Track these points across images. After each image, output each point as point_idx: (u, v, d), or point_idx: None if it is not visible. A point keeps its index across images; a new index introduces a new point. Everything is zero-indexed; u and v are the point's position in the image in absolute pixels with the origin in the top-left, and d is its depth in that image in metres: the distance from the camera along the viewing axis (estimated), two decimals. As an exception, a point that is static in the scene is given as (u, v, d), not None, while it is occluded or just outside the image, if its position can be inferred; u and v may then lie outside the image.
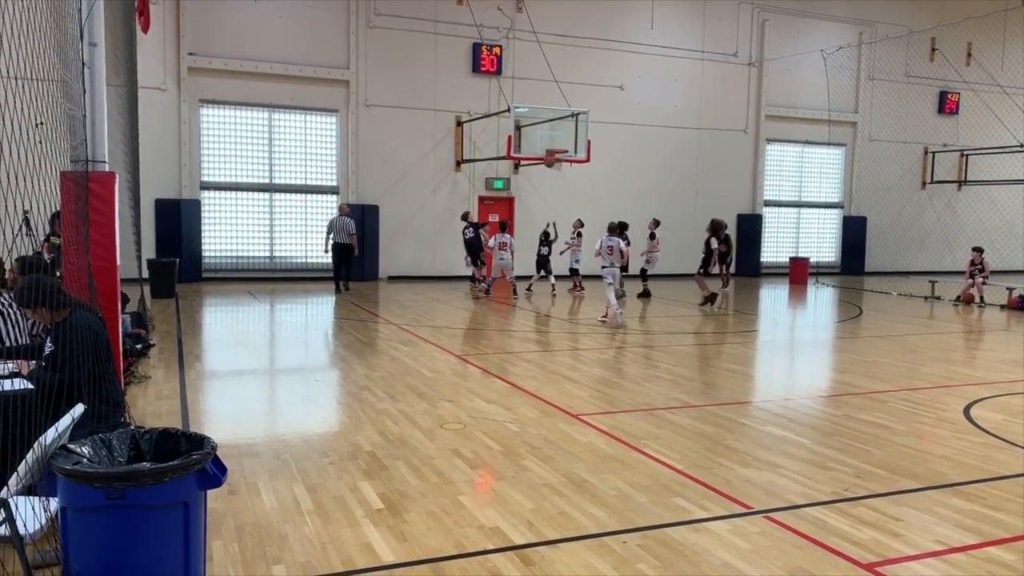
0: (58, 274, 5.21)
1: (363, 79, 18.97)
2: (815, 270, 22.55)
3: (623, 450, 5.83)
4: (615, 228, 13.34)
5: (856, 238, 24.73)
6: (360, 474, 5.17)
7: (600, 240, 13.01)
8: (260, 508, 4.55)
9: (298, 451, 5.68)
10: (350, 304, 14.80)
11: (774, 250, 24.04)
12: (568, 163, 17.83)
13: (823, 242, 24.92)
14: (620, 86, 21.29)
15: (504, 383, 8.10)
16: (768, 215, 23.86)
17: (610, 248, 12.73)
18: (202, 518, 3.20)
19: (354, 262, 17.25)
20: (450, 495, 4.81)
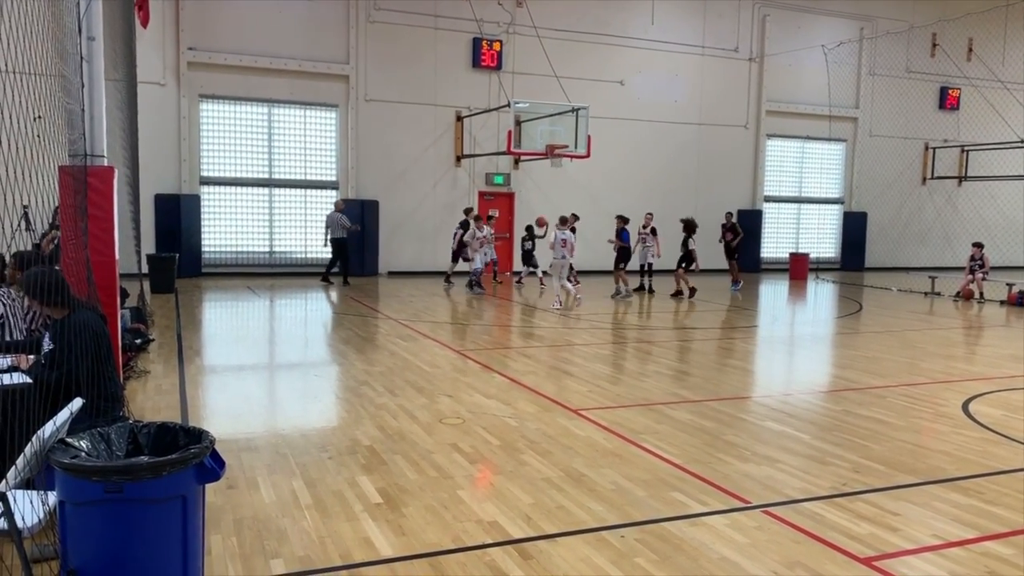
0: (56, 267, 5.21)
1: (363, 74, 18.95)
2: (815, 266, 22.54)
3: (622, 445, 5.84)
4: (566, 220, 13.95)
5: (856, 234, 24.71)
6: (359, 469, 5.18)
7: (554, 234, 13.50)
8: (259, 502, 4.56)
9: (297, 446, 5.69)
10: (349, 299, 14.81)
11: (774, 246, 24.02)
12: (568, 158, 17.81)
13: (823, 238, 24.91)
14: (620, 81, 21.27)
15: (503, 378, 8.11)
16: (768, 211, 23.84)
17: (563, 241, 13.30)
18: (200, 512, 3.20)
19: (351, 256, 17.58)
20: (449, 489, 4.81)
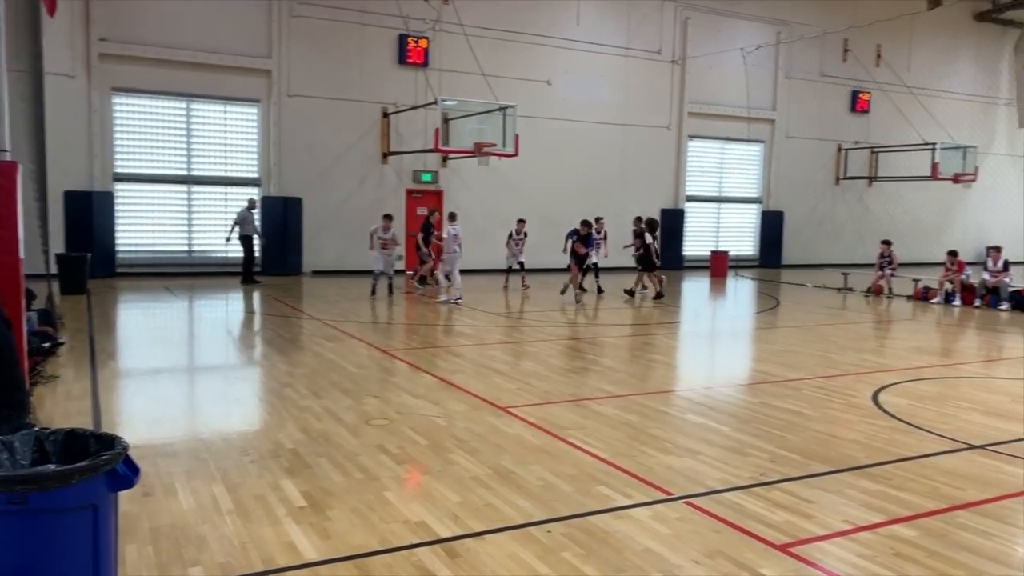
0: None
1: (286, 69, 18.54)
2: (735, 263, 23.22)
3: (549, 441, 5.89)
4: (455, 217, 14.75)
5: (774, 232, 25.55)
6: (282, 472, 5.07)
7: (447, 229, 14.08)
8: (177, 509, 4.42)
9: (217, 450, 5.53)
10: (272, 299, 14.49)
11: (696, 244, 24.60)
12: (496, 157, 17.85)
13: (742, 236, 25.68)
14: (547, 81, 21.42)
15: (432, 378, 8.07)
16: (690, 210, 24.42)
17: (455, 236, 14.03)
18: (113, 521, 3.08)
19: (265, 255, 17.52)
20: (375, 491, 4.77)
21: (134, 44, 17.05)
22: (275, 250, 18.44)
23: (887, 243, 18.07)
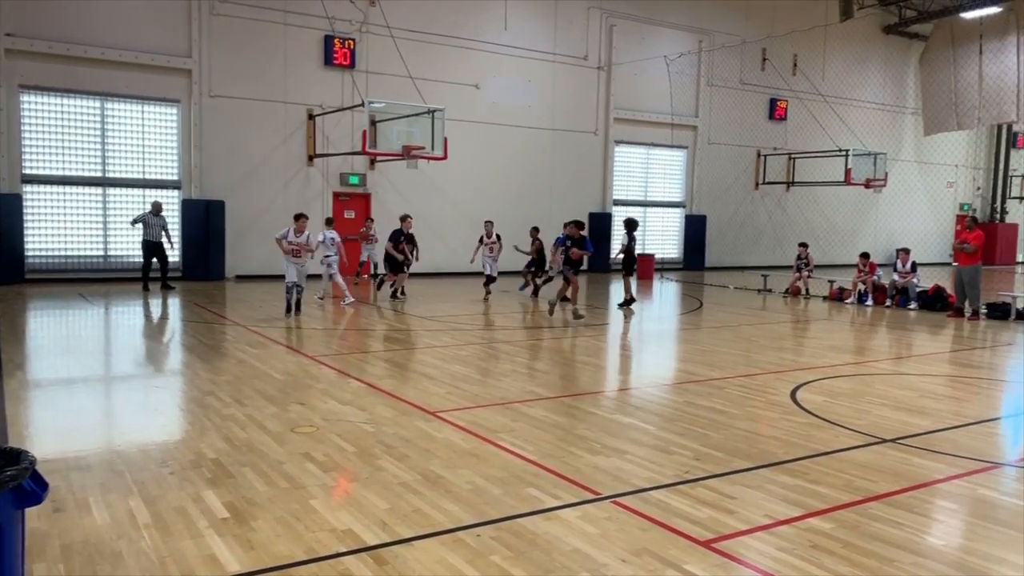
0: None
1: (207, 68, 18.04)
2: (660, 266, 23.71)
3: (479, 444, 5.89)
4: (331, 221, 14.98)
5: (697, 235, 26.20)
6: (204, 483, 4.93)
7: (322, 233, 14.18)
8: (90, 525, 4.23)
9: (135, 462, 5.33)
10: (193, 305, 14.05)
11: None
12: (425, 160, 17.75)
13: (667, 239, 26.25)
14: (476, 85, 21.45)
15: (360, 383, 7.97)
16: (617, 214, 24.77)
17: (332, 240, 14.29)
18: (18, 540, 2.93)
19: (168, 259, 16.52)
20: (300, 500, 4.67)
21: (44, 40, 16.32)
22: (197, 254, 17.90)
23: (804, 245, 18.75)
